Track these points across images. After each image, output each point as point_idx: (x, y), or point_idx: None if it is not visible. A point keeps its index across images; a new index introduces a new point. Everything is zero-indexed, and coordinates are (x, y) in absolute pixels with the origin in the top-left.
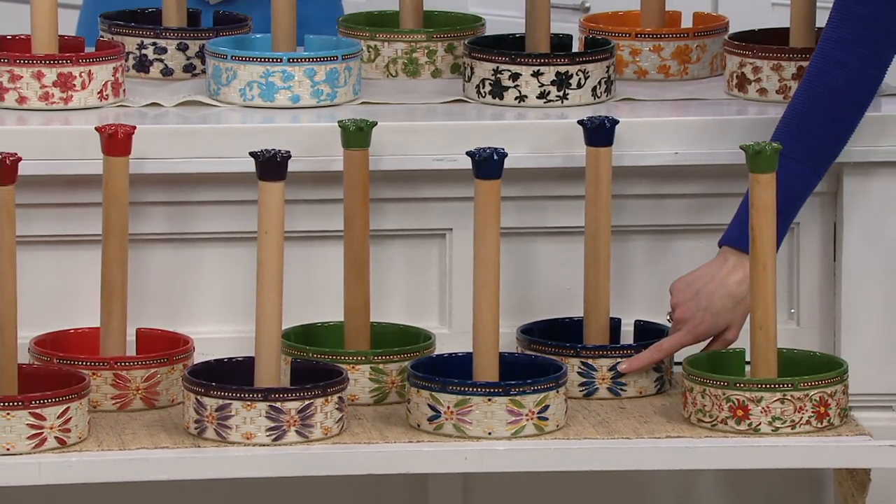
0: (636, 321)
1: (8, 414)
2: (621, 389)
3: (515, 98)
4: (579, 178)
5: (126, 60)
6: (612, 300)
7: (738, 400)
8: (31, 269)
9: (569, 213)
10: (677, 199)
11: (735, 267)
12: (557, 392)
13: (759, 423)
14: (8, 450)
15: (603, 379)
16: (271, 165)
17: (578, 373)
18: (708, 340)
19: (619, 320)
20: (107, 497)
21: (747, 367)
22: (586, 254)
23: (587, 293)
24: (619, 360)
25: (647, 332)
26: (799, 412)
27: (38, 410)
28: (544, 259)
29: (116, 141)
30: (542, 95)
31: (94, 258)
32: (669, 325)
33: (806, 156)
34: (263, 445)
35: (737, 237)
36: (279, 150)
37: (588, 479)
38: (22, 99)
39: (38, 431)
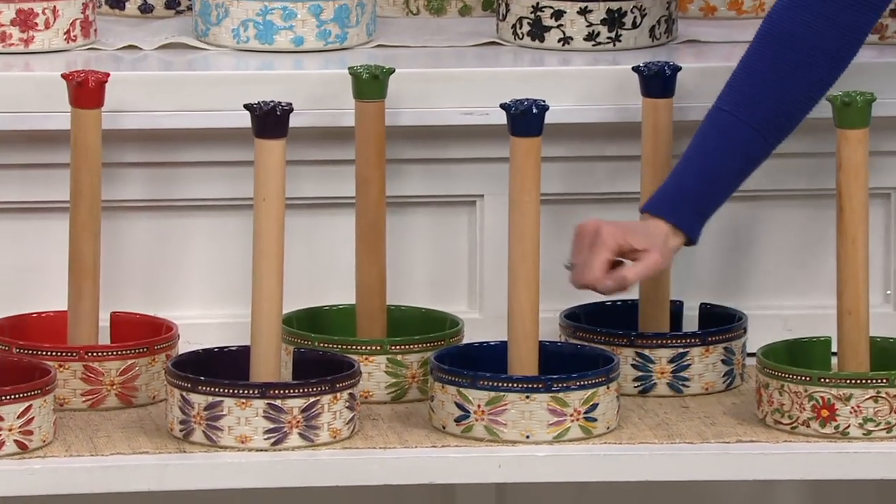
0: (701, 304)
1: None
2: (684, 385)
3: (559, 40)
4: (634, 135)
5: None
6: (672, 280)
7: (822, 398)
8: None
9: (621, 175)
10: None
11: (643, 218)
12: (608, 388)
13: (848, 426)
14: None
15: (662, 373)
16: (270, 120)
17: (633, 365)
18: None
19: (682, 303)
20: None
21: (834, 360)
22: None
23: None
24: (680, 350)
25: (715, 317)
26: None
27: None
28: None
29: (86, 90)
30: (590, 37)
31: (62, 229)
32: (569, 270)
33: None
34: (261, 451)
35: (657, 200)
36: (279, 102)
37: (644, 491)
38: None
39: None
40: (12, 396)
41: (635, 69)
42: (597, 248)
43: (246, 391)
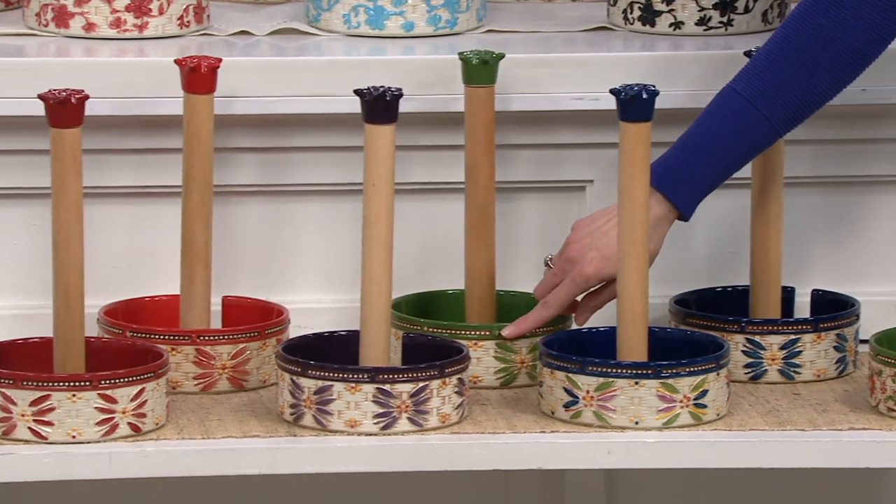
0: (813, 291)
1: (74, 395)
2: (795, 372)
3: (670, 25)
4: None
5: None
6: (784, 265)
7: None
8: (100, 226)
9: None
10: (866, 144)
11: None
12: (718, 374)
13: None
14: (74, 437)
15: (773, 359)
16: (380, 105)
17: (744, 352)
18: (597, 288)
19: (793, 289)
20: (186, 492)
21: None
22: (753, 210)
23: (755, 257)
24: (792, 336)
25: (827, 304)
26: None
27: (108, 392)
28: (703, 216)
29: (199, 76)
30: (701, 21)
31: (174, 214)
32: (548, 268)
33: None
34: (370, 435)
35: (658, 174)
36: (389, 88)
37: (755, 478)
38: (90, 26)
39: (109, 416)
40: (126, 380)
41: (746, 54)
42: (575, 285)
43: (355, 376)
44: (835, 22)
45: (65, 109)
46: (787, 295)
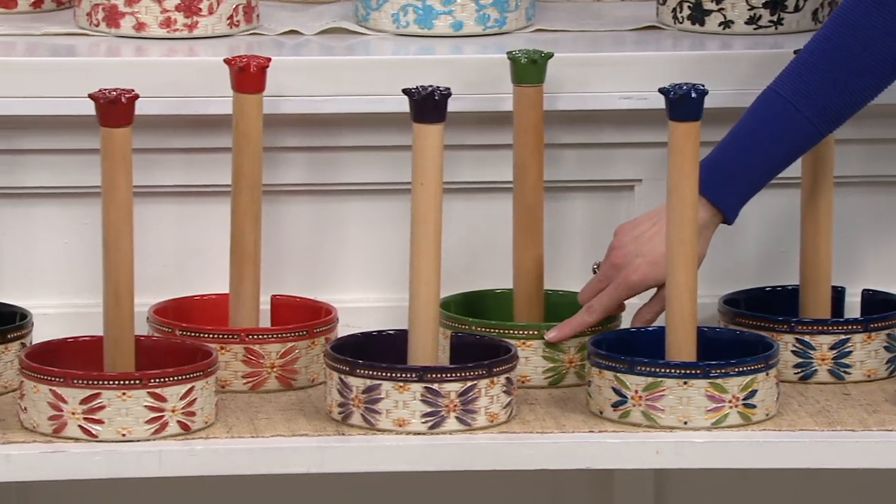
0: (864, 290)
1: (124, 394)
2: (845, 372)
3: (719, 24)
4: None
5: None
6: (834, 265)
7: None
8: (150, 225)
9: None
10: None
11: None
12: (767, 374)
13: None
14: (124, 436)
15: (823, 359)
16: (428, 105)
17: (793, 352)
18: (651, 294)
19: (844, 289)
20: (231, 490)
21: None
22: (803, 210)
23: (805, 256)
24: (842, 337)
25: (877, 304)
26: None
27: (157, 390)
28: (752, 216)
29: (248, 75)
30: (751, 20)
31: (224, 213)
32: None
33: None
34: (418, 434)
35: (702, 178)
36: (438, 87)
37: (805, 479)
38: (140, 25)
39: (159, 415)
40: (175, 378)
41: (797, 52)
42: (621, 291)
43: (404, 375)
44: (875, 23)
45: (115, 109)
46: (838, 295)
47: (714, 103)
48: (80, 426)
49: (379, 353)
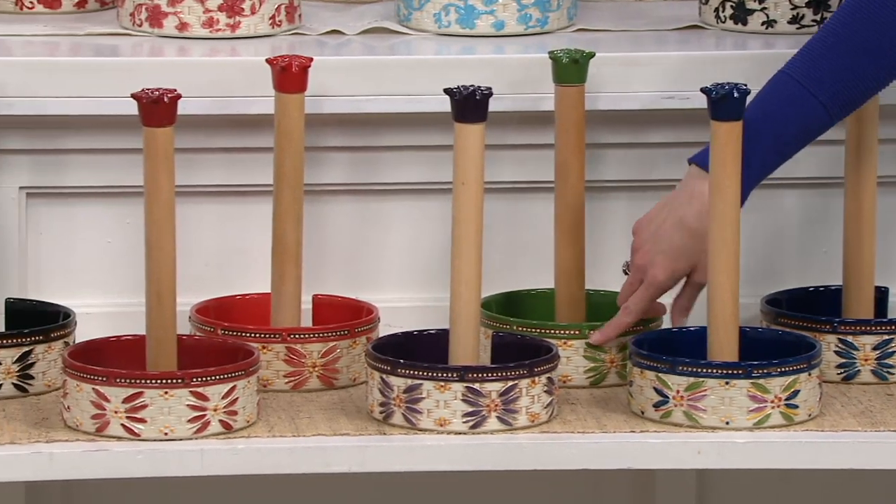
0: None
1: (166, 393)
2: (888, 372)
3: (762, 23)
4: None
5: None
6: (877, 265)
7: None
8: (192, 224)
9: (824, 160)
10: None
11: (694, 194)
12: (810, 375)
13: None
14: (166, 434)
15: (866, 360)
16: (470, 104)
17: (836, 352)
18: (681, 290)
19: (887, 290)
20: (272, 490)
21: None
22: (846, 209)
23: (847, 256)
24: (885, 337)
25: None
26: None
27: (200, 389)
28: (794, 215)
29: (290, 75)
30: (794, 20)
31: (265, 212)
32: (626, 275)
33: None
34: (459, 434)
35: (706, 153)
36: (479, 87)
37: (848, 480)
38: (183, 25)
39: (201, 414)
40: (217, 377)
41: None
42: (651, 290)
43: (445, 374)
44: (891, 8)
45: (158, 108)
46: (881, 295)
47: None
48: (122, 425)
49: (420, 352)
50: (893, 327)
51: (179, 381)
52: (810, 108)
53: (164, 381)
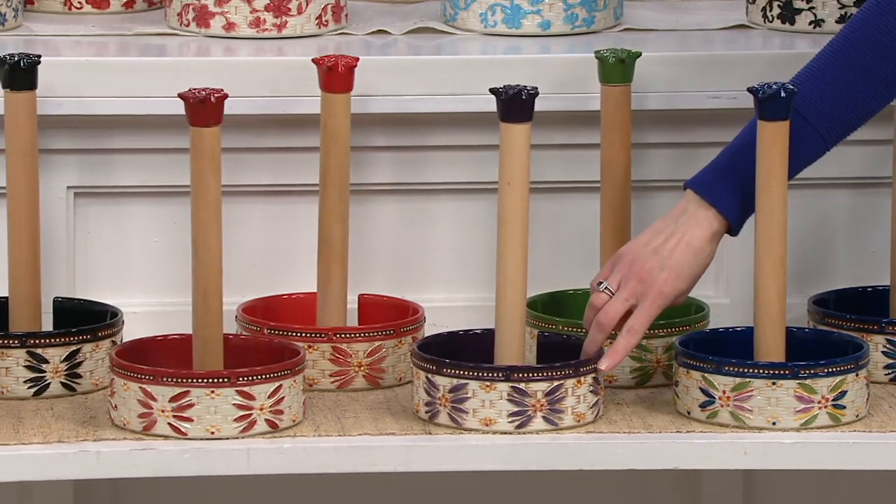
0: None
1: (212, 392)
2: None
3: (810, 23)
4: (886, 118)
5: None
6: None
7: None
8: (238, 224)
9: (872, 160)
10: None
11: (699, 218)
12: (857, 375)
13: None
14: (213, 433)
15: None
16: (515, 104)
17: (884, 352)
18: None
19: None
20: (317, 489)
21: None
22: (894, 210)
23: (895, 257)
24: None
25: None
26: None
27: (246, 388)
28: (842, 215)
29: (336, 75)
30: (842, 19)
31: (311, 212)
32: (600, 293)
33: (818, 118)
34: (505, 433)
35: (706, 182)
36: (525, 87)
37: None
38: (230, 25)
39: (247, 413)
40: (264, 377)
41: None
42: (657, 306)
43: (491, 374)
44: (892, 34)
45: (204, 108)
46: None
47: None
48: (169, 424)
49: (465, 352)
50: None
51: (226, 380)
52: (805, 133)
53: (210, 380)
